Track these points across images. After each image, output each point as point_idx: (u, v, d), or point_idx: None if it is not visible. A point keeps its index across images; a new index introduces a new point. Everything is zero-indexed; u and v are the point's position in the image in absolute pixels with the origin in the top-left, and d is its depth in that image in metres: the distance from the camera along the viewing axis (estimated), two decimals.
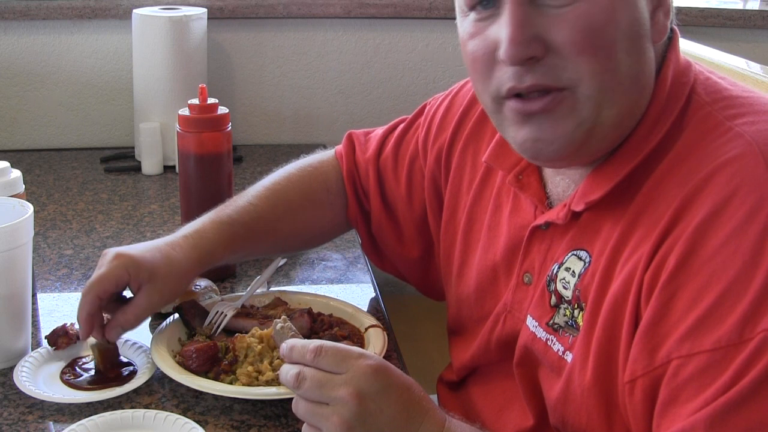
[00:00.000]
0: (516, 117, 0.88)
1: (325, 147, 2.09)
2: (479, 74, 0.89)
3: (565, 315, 0.92)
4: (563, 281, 0.92)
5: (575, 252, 0.91)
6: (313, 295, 1.26)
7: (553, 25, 0.83)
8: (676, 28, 0.91)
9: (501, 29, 0.84)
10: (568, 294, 0.92)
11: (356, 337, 1.14)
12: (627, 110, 0.86)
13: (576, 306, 0.91)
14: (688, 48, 1.47)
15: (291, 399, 0.88)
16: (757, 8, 2.15)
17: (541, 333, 0.95)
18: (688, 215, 0.80)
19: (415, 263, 1.25)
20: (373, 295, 1.32)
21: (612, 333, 0.84)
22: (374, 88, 2.14)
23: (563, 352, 0.91)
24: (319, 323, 1.16)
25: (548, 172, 0.99)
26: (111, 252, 1.08)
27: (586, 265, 0.90)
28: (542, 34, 0.83)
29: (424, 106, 1.25)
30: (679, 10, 2.09)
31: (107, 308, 1.08)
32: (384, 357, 1.09)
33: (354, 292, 1.32)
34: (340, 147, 1.32)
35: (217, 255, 1.16)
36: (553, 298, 0.94)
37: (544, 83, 0.84)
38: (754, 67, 1.31)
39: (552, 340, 0.93)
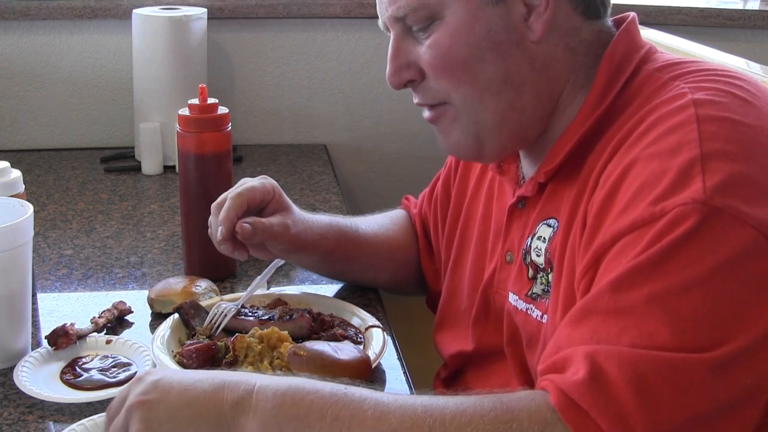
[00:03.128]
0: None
1: (325, 147, 2.12)
2: None
3: (541, 283, 0.96)
4: (536, 250, 0.97)
5: (545, 221, 0.96)
6: (313, 295, 1.26)
7: (420, 54, 0.95)
8: (633, 14, 0.98)
9: None
10: (541, 261, 0.96)
11: (356, 337, 1.14)
12: (510, 104, 0.94)
13: (549, 270, 0.94)
14: (689, 48, 1.47)
15: None
16: (757, 8, 2.15)
17: (521, 305, 0.99)
18: (620, 151, 0.84)
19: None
20: (373, 295, 1.32)
21: (571, 280, 0.87)
22: (374, 88, 2.13)
23: (541, 317, 0.95)
24: (320, 323, 1.16)
25: (521, 156, 1.05)
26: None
27: (555, 230, 0.94)
28: (416, 61, 0.96)
29: None
30: (679, 10, 2.09)
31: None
32: (384, 357, 1.09)
33: (354, 292, 1.32)
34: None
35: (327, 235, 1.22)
36: (530, 270, 0.98)
37: (424, 102, 0.98)
38: (754, 67, 1.30)
39: (531, 309, 0.97)
